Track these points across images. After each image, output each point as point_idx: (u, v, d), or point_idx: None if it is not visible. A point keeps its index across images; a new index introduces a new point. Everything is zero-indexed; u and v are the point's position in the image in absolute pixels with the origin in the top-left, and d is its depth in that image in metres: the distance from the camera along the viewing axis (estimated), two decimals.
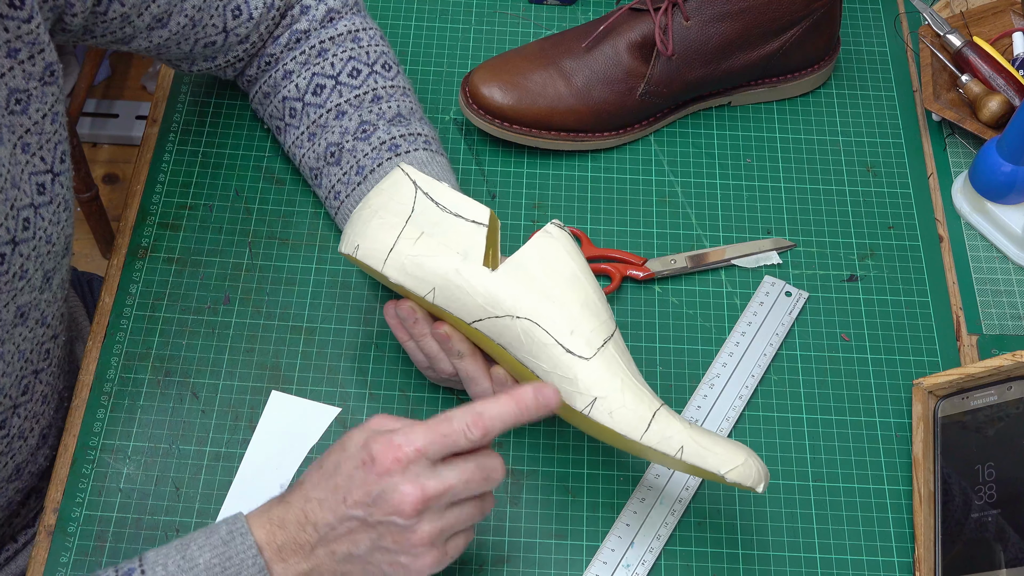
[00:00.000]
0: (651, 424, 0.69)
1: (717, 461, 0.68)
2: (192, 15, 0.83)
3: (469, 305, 0.73)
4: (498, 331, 0.73)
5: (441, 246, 0.74)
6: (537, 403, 0.67)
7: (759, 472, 0.69)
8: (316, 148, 0.88)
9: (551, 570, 0.78)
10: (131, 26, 0.80)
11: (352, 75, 0.88)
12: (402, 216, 0.75)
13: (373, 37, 0.90)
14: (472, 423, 0.65)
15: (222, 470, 0.81)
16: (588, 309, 0.72)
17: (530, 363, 0.72)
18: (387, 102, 0.88)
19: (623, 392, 0.70)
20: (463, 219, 0.74)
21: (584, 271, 0.73)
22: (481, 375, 0.76)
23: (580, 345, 0.71)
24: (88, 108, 2.05)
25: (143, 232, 0.92)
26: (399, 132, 0.86)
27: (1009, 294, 0.91)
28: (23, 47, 0.70)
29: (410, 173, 0.76)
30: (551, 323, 0.71)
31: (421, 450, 0.65)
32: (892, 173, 0.98)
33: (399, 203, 0.76)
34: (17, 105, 0.71)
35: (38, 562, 0.77)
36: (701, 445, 0.69)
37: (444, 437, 0.65)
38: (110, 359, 0.85)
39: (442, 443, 0.65)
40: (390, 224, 0.75)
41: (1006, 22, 1.04)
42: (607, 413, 0.70)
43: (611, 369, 0.71)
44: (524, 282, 0.72)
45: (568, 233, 0.74)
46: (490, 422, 0.66)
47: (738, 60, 0.95)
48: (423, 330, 0.77)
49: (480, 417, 0.66)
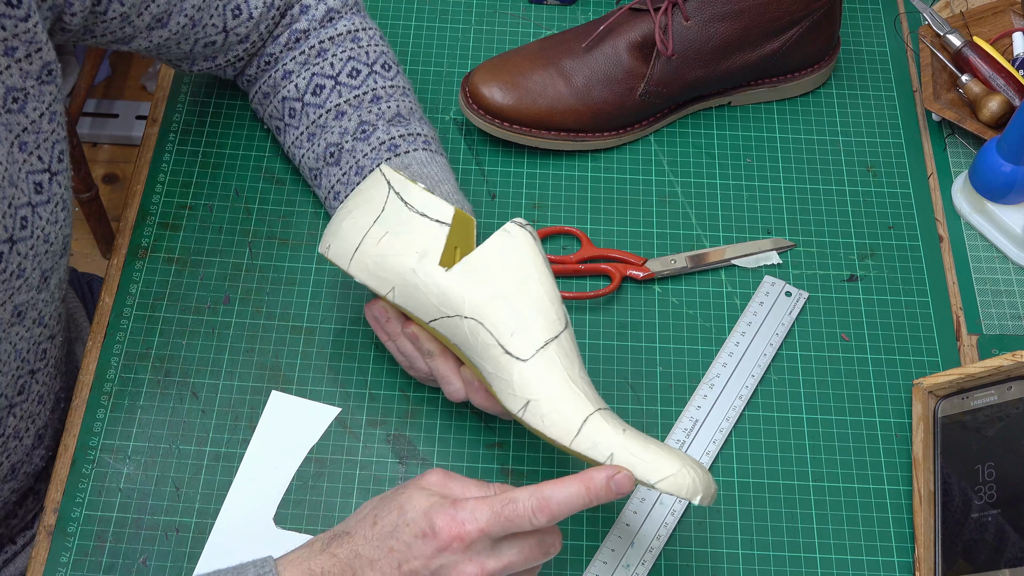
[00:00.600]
0: (582, 429, 0.68)
1: (646, 469, 0.65)
2: (192, 15, 0.83)
3: (425, 304, 0.73)
4: (452, 331, 0.73)
5: (403, 245, 0.74)
6: (609, 491, 0.64)
7: (694, 483, 0.65)
8: (316, 148, 0.88)
9: (551, 570, 0.78)
10: (131, 26, 0.80)
11: (352, 75, 0.88)
12: (372, 216, 0.75)
13: (373, 37, 0.90)
14: (538, 509, 0.64)
15: (222, 470, 0.81)
16: (535, 309, 0.71)
17: (478, 363, 0.72)
18: (387, 102, 0.88)
19: (556, 396, 0.69)
20: (427, 218, 0.74)
21: (539, 270, 0.72)
22: (451, 374, 0.76)
23: (519, 346, 0.70)
24: (88, 108, 2.05)
25: (143, 232, 0.92)
26: (398, 132, 0.86)
27: (1009, 294, 0.91)
28: (20, 45, 0.70)
29: (387, 173, 0.76)
30: (494, 323, 0.71)
31: (484, 530, 0.64)
32: (892, 173, 0.98)
33: (372, 203, 0.76)
34: (14, 104, 0.71)
35: (38, 562, 0.77)
36: (631, 452, 0.66)
37: (508, 521, 0.64)
38: (110, 359, 0.85)
39: (505, 526, 0.64)
40: (359, 224, 0.75)
41: (1006, 22, 1.04)
42: (539, 416, 0.69)
43: (549, 371, 0.69)
44: (475, 282, 0.72)
45: (530, 232, 0.73)
46: (557, 508, 0.64)
47: (738, 60, 0.95)
48: (395, 329, 0.78)
49: (547, 503, 0.64)
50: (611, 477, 0.64)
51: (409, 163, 0.85)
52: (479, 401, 0.76)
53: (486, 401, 0.76)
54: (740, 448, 0.83)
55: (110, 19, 0.78)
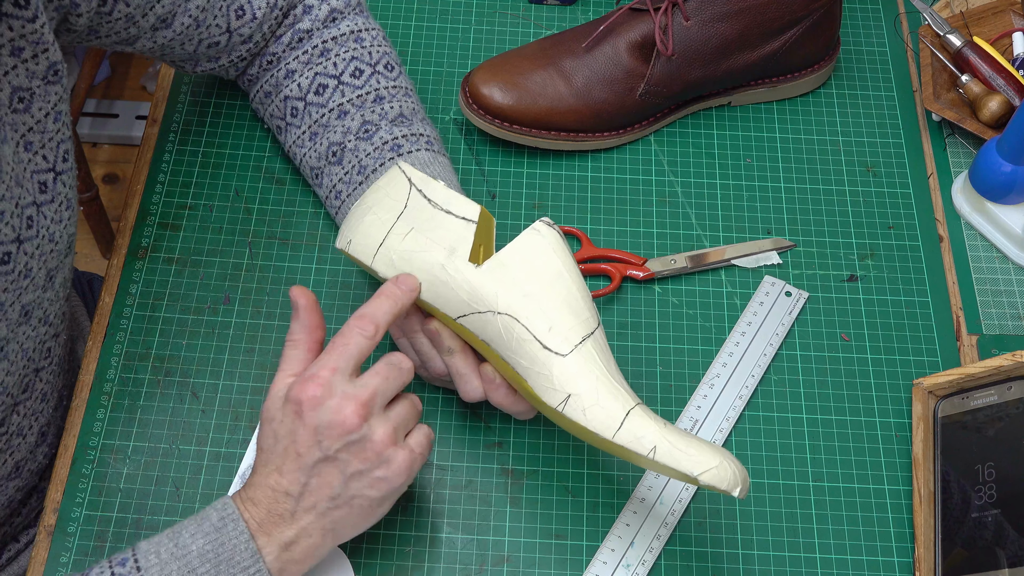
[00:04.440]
0: (624, 423, 0.69)
1: (690, 463, 0.67)
2: (196, 15, 0.83)
3: (454, 301, 0.73)
4: (481, 326, 0.73)
5: (429, 242, 0.74)
6: (400, 289, 0.72)
7: (735, 475, 0.67)
8: (318, 147, 0.88)
9: (551, 570, 0.78)
10: (135, 27, 0.80)
11: (355, 75, 0.88)
12: (394, 212, 0.76)
13: (376, 38, 0.90)
14: (361, 324, 0.70)
15: (222, 470, 0.81)
16: (568, 307, 0.72)
17: (511, 359, 0.72)
18: (389, 102, 0.88)
19: (597, 390, 0.70)
20: (453, 215, 0.74)
21: (569, 269, 0.73)
22: (471, 372, 0.76)
23: (557, 342, 0.71)
24: (88, 108, 2.05)
25: (143, 232, 0.92)
26: (401, 132, 0.86)
27: (1009, 294, 0.91)
28: (27, 46, 0.70)
29: (406, 170, 0.76)
30: (530, 319, 0.71)
31: (334, 368, 0.68)
32: (892, 173, 0.98)
33: (393, 200, 0.76)
34: (20, 104, 0.71)
35: (38, 562, 0.77)
36: (675, 446, 0.68)
37: (346, 347, 0.69)
38: (110, 359, 0.85)
39: (347, 353, 0.69)
40: (382, 220, 0.76)
41: (1006, 22, 1.04)
42: (580, 410, 0.70)
43: (587, 366, 0.70)
44: (507, 278, 0.72)
45: (558, 231, 0.74)
46: (374, 315, 0.71)
47: (738, 60, 0.95)
48: (414, 326, 0.78)
49: (364, 317, 0.70)
50: (396, 280, 0.73)
51: (411, 164, 0.85)
52: (498, 399, 0.76)
53: (506, 399, 0.76)
54: (740, 448, 0.83)
55: (115, 20, 0.79)
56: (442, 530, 0.79)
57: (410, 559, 0.78)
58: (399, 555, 0.78)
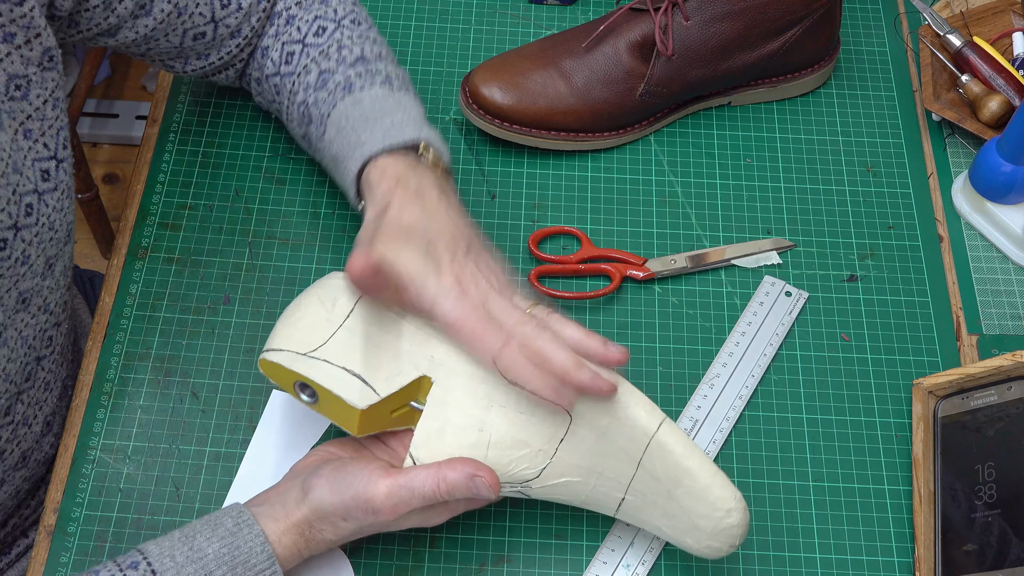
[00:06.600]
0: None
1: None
2: (176, 1, 0.82)
3: None
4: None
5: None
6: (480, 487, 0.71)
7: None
8: (294, 115, 0.86)
9: (551, 570, 0.78)
10: (114, 15, 0.79)
11: (317, 34, 0.85)
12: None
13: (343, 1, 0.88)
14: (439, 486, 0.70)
15: (222, 470, 0.81)
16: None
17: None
18: (349, 48, 0.85)
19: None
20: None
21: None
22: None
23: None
24: (88, 108, 2.05)
25: (143, 232, 0.92)
26: (355, 71, 0.83)
27: (1009, 294, 0.91)
28: (18, 31, 0.70)
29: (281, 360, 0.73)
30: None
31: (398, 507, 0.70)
32: (892, 173, 0.98)
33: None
34: (17, 91, 0.70)
35: (38, 562, 0.77)
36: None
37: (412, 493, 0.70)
38: (110, 359, 0.85)
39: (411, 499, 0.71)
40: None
41: (1006, 22, 1.04)
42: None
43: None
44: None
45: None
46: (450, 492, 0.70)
47: (738, 60, 0.95)
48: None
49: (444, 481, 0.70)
50: (471, 476, 0.69)
51: (361, 99, 0.82)
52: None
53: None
54: (740, 448, 0.83)
55: (92, 7, 0.78)
56: (442, 530, 0.79)
57: (410, 559, 0.78)
58: (399, 555, 0.78)
